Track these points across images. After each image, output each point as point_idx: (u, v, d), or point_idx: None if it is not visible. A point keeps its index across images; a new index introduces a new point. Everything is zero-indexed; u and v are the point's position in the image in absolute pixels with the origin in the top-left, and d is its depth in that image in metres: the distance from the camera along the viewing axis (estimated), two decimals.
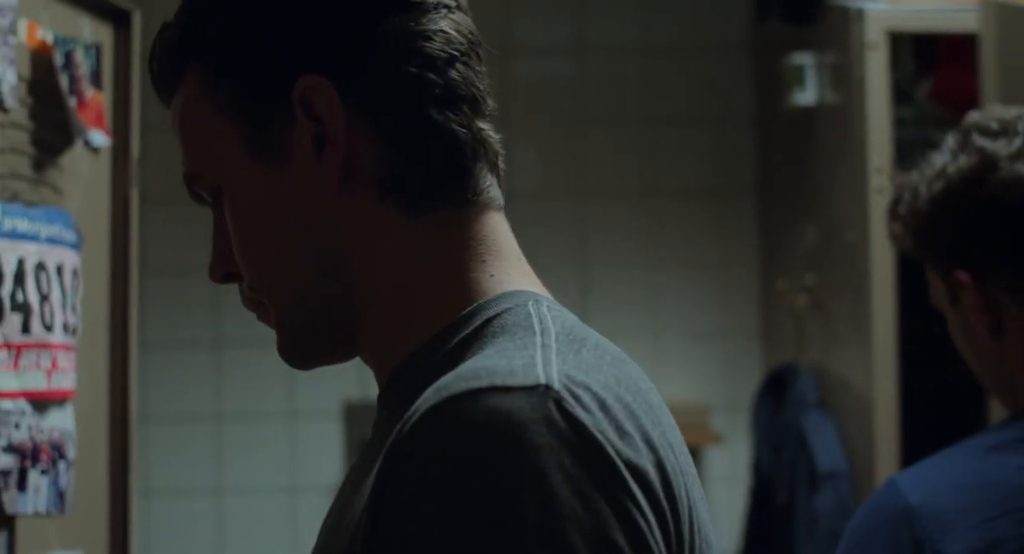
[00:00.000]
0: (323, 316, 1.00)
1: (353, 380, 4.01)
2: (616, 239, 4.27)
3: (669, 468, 0.83)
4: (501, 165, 1.01)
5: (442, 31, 0.97)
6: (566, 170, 4.31)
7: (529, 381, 0.81)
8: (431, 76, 0.95)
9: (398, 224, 0.96)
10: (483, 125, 0.98)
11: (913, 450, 2.89)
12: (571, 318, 0.94)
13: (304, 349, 1.01)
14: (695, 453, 4.05)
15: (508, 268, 0.97)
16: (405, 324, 0.95)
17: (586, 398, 0.81)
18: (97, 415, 2.09)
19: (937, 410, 3.03)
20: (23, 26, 1.91)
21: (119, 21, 2.24)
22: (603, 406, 0.82)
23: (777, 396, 3.41)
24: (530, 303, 0.93)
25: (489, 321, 0.92)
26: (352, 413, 4.02)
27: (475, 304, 0.95)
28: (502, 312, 0.92)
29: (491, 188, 0.99)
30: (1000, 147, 1.44)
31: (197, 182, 1.00)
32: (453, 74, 0.96)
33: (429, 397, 0.82)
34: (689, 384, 4.17)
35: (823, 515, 2.99)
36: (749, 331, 4.17)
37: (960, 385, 2.25)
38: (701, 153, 4.28)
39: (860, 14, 2.98)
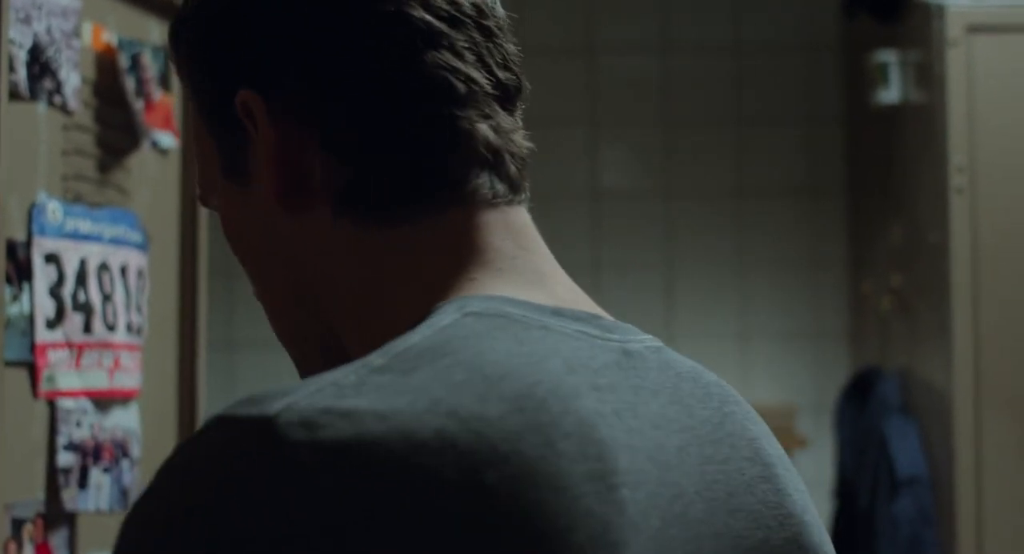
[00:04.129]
0: (305, 343, 0.93)
1: None
2: (703, 239, 4.24)
3: (494, 507, 0.69)
4: (511, 152, 0.89)
5: (400, 14, 0.84)
6: (653, 170, 4.28)
7: (254, 412, 0.70)
8: (381, 75, 0.84)
9: (359, 239, 0.86)
10: (464, 113, 0.85)
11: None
12: (466, 329, 0.77)
13: (303, 375, 0.92)
14: None
15: (476, 272, 0.85)
16: (371, 344, 0.81)
17: (324, 433, 0.68)
18: (165, 414, 2.11)
19: None
20: (88, 29, 1.93)
21: None
22: (348, 439, 0.68)
23: (861, 399, 3.35)
24: (436, 313, 0.80)
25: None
26: None
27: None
28: (415, 324, 0.80)
29: (477, 184, 0.86)
30: None
31: (206, 200, 0.94)
32: (414, 65, 0.84)
33: None
34: (776, 386, 4.12)
35: (903, 522, 2.93)
36: (837, 332, 4.11)
37: None
38: (790, 152, 4.23)
39: (940, 10, 2.91)
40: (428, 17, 0.85)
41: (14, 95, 1.71)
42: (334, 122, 0.85)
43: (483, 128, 0.86)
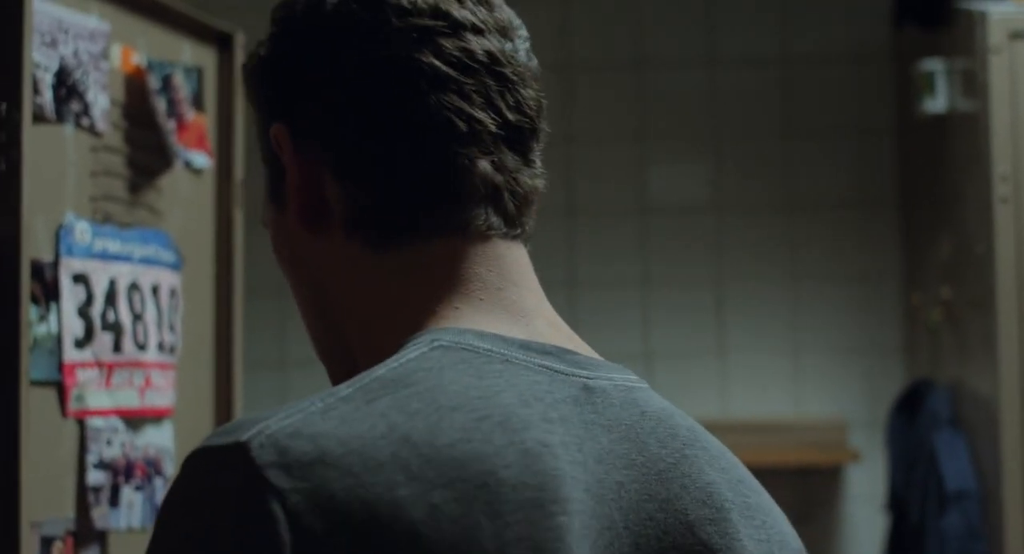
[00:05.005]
0: (331, 358, 1.00)
1: None
2: (754, 254, 4.21)
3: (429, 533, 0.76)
4: (512, 190, 0.94)
5: (409, 59, 0.91)
6: (702, 185, 4.26)
7: (229, 440, 0.79)
8: (386, 113, 0.92)
9: (365, 261, 0.94)
10: (465, 150, 0.91)
11: None
12: (430, 362, 0.84)
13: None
14: (833, 471, 3.96)
15: (459, 301, 0.91)
16: (371, 363, 0.89)
17: (291, 455, 0.77)
18: (202, 433, 2.12)
19: None
20: (117, 51, 1.95)
21: (222, 44, 2.27)
22: (313, 460, 0.77)
23: (912, 413, 3.30)
24: (407, 345, 0.87)
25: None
26: None
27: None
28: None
29: (471, 217, 0.92)
30: None
31: (264, 222, 1.03)
32: (418, 104, 0.91)
33: None
34: (829, 400, 4.08)
35: (952, 537, 2.88)
36: (890, 346, 4.06)
37: None
38: (841, 165, 4.19)
39: (983, 17, 2.87)
40: (437, 62, 0.91)
41: (39, 117, 1.72)
42: (345, 153, 0.93)
43: (483, 165, 0.92)
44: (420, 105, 0.91)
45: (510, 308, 0.92)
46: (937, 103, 3.24)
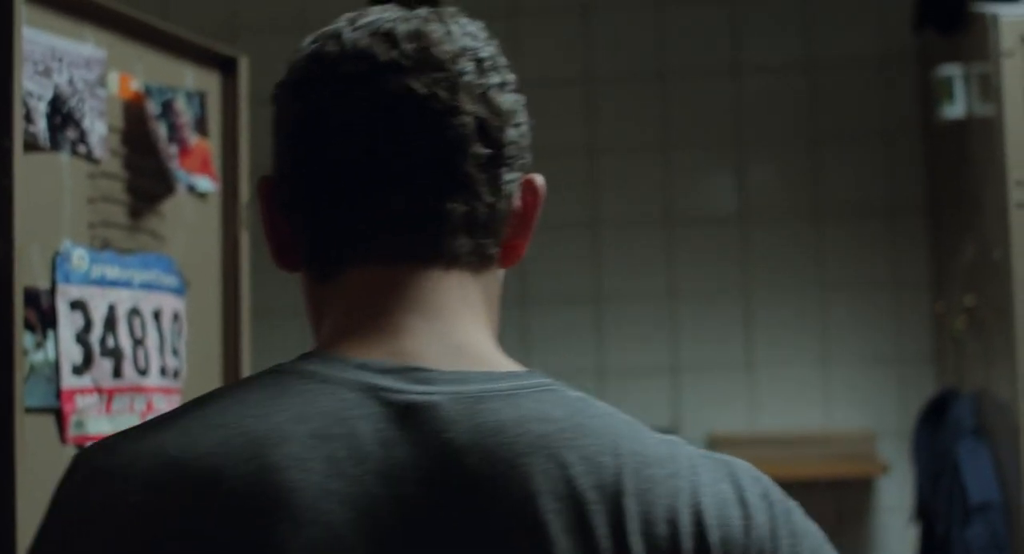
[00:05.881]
0: None
1: None
2: (781, 263, 4.18)
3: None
4: (421, 218, 0.99)
5: (316, 112, 1.01)
6: (728, 194, 4.24)
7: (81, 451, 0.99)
8: (300, 164, 1.02)
9: (312, 292, 1.05)
10: (369, 188, 0.99)
11: None
12: (244, 383, 0.97)
13: None
14: (864, 483, 3.92)
15: (344, 324, 1.00)
16: None
17: (95, 460, 0.95)
18: None
19: None
20: (115, 78, 1.96)
21: (225, 68, 2.28)
22: (102, 463, 0.94)
23: (937, 422, 3.26)
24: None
25: None
26: None
27: None
28: None
29: (371, 247, 1.00)
30: None
31: None
32: (323, 152, 1.00)
33: None
34: (858, 411, 4.04)
35: (976, 548, 2.84)
36: (921, 355, 4.02)
37: None
38: (867, 170, 4.16)
39: (995, 20, 2.84)
40: (341, 113, 0.99)
41: (32, 146, 1.74)
42: (283, 202, 1.04)
43: (394, 199, 0.99)
44: (324, 152, 1.00)
45: (385, 330, 0.98)
46: (956, 109, 3.20)
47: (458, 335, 0.99)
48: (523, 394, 0.94)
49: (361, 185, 0.99)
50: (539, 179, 1.05)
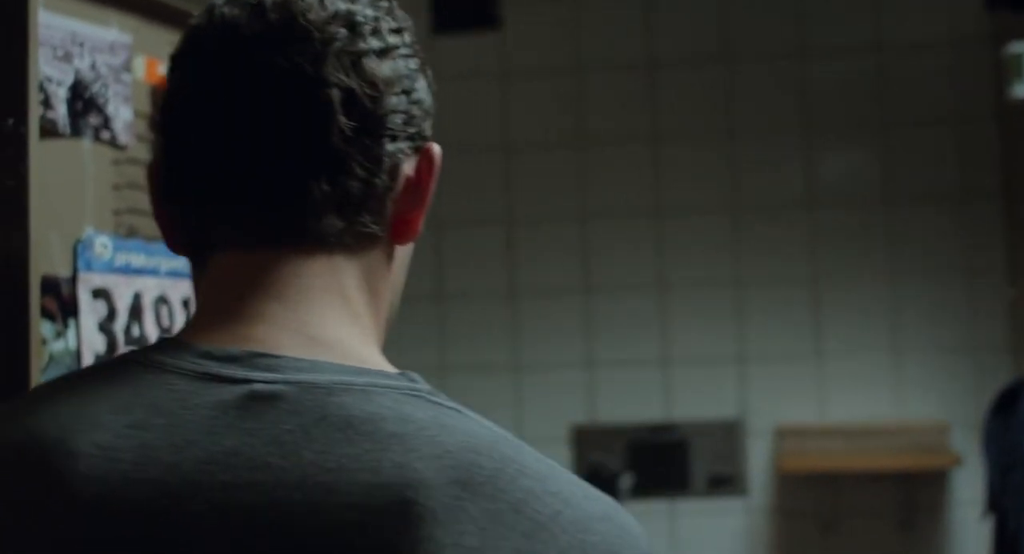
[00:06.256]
0: None
1: (581, 404, 3.97)
2: (850, 249, 4.08)
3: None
4: (277, 199, 0.97)
5: (167, 93, 1.03)
6: (795, 180, 4.15)
7: None
8: (170, 160, 1.04)
9: (192, 274, 1.09)
10: (225, 167, 0.98)
11: None
12: (84, 371, 1.01)
13: None
14: (937, 476, 3.81)
15: (198, 314, 1.01)
16: None
17: None
18: None
19: None
20: (141, 63, 1.93)
21: None
22: None
23: (1009, 413, 3.16)
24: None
25: None
26: (581, 437, 3.98)
27: None
28: None
29: (228, 234, 0.99)
30: None
31: None
32: (180, 147, 1.01)
33: None
34: (930, 402, 3.93)
35: None
36: (995, 344, 3.90)
37: None
38: (939, 153, 4.05)
39: None
40: (203, 92, 0.98)
41: (51, 132, 1.71)
42: (158, 186, 1.09)
43: (250, 181, 0.96)
44: (179, 148, 1.01)
45: (238, 317, 0.97)
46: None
47: (315, 324, 0.95)
48: (382, 392, 0.88)
49: (222, 168, 0.97)
50: (436, 148, 1.00)
